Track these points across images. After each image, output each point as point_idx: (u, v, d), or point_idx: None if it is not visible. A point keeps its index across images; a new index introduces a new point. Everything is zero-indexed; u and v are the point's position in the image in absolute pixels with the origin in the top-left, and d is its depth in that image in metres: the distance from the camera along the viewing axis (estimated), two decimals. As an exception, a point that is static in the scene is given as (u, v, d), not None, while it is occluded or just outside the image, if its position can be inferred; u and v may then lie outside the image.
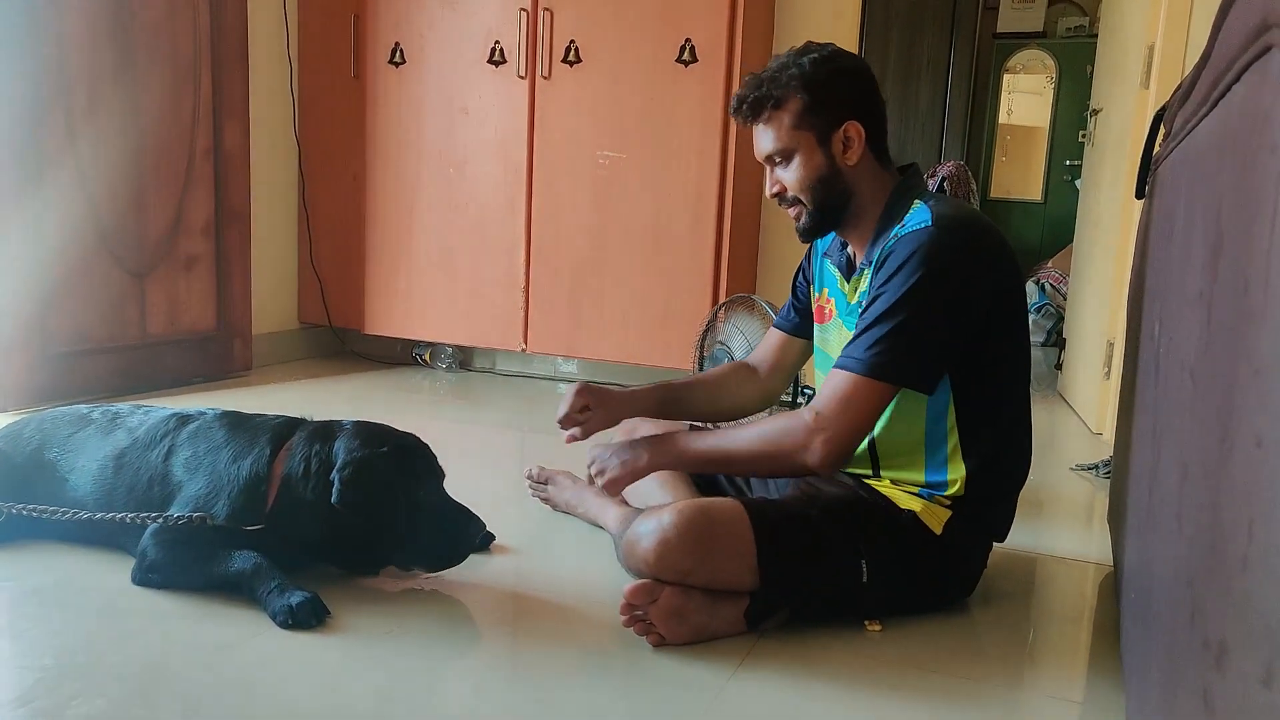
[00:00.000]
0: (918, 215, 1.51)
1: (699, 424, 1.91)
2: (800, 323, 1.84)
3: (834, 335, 1.72)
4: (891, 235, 1.53)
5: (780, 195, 1.63)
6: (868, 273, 1.58)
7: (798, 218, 1.64)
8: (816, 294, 1.78)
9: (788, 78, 1.56)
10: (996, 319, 1.52)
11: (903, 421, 1.57)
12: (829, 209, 1.61)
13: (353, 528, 1.57)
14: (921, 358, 1.47)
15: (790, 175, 1.59)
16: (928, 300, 1.45)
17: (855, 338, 1.50)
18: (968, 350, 1.51)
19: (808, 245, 1.79)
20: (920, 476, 1.58)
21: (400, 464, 1.59)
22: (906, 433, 1.58)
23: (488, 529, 1.79)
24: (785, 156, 1.59)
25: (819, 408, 1.49)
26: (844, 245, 1.70)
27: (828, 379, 1.52)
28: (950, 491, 1.55)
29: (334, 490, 1.54)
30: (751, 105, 1.59)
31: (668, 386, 1.86)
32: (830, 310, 1.74)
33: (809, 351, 1.85)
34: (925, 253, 1.45)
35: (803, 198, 1.60)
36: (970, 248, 1.49)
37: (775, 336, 1.90)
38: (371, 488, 1.55)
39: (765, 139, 1.60)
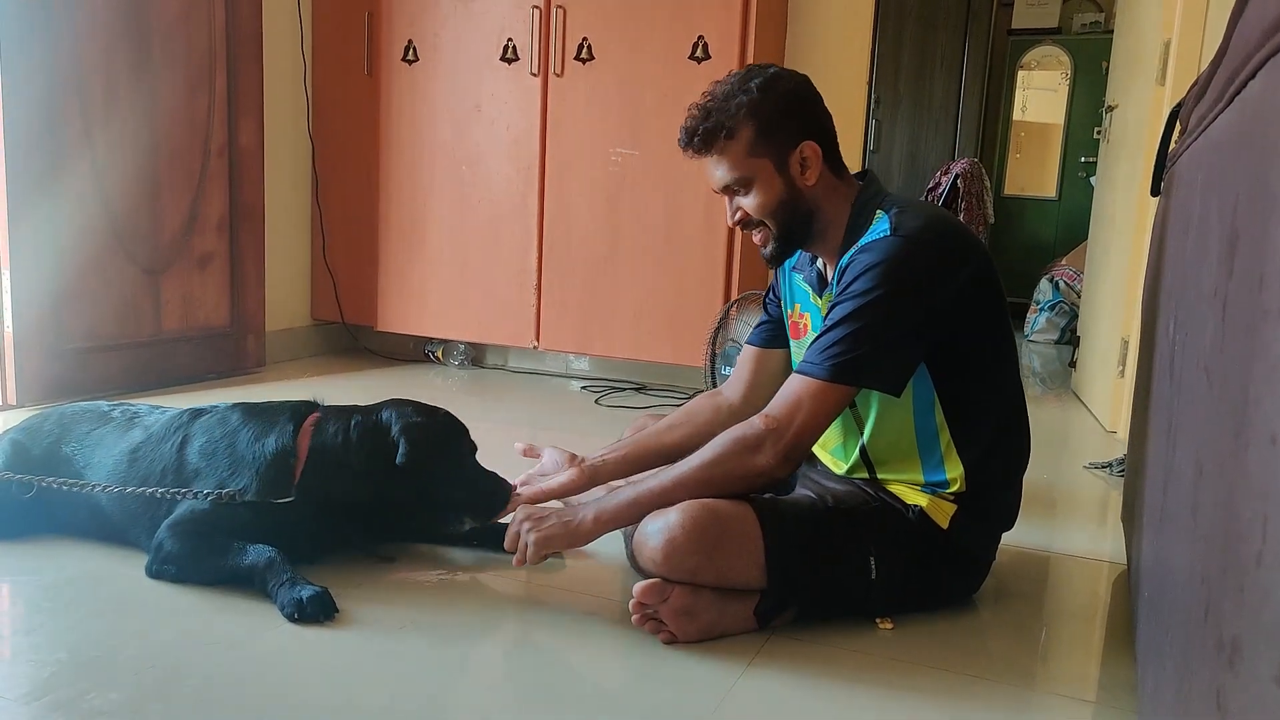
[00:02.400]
0: (878, 227, 1.51)
1: None
2: (775, 334, 1.81)
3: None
4: (855, 248, 1.53)
5: (744, 222, 1.61)
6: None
7: (763, 243, 1.62)
8: (789, 309, 1.77)
9: (736, 106, 1.54)
10: (967, 313, 1.51)
11: (890, 424, 1.57)
12: (794, 231, 1.60)
13: (401, 490, 1.67)
14: (879, 358, 1.45)
15: (751, 202, 1.58)
16: (886, 304, 1.44)
17: (812, 343, 1.50)
18: (942, 347, 1.50)
19: (775, 269, 1.77)
20: (919, 477, 1.58)
21: (451, 428, 1.73)
22: (896, 435, 1.57)
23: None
24: (744, 185, 1.57)
25: (771, 411, 1.48)
26: (814, 259, 1.69)
27: (785, 384, 1.51)
28: (953, 489, 1.55)
29: (400, 451, 1.63)
30: (703, 137, 1.56)
31: (622, 457, 1.74)
32: (805, 325, 1.72)
33: (789, 359, 1.82)
34: (883, 260, 1.45)
35: (767, 222, 1.59)
36: (930, 250, 1.48)
37: (749, 353, 1.86)
38: (433, 448, 1.67)
39: (720, 170, 1.57)
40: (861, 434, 1.60)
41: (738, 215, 1.61)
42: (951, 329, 1.50)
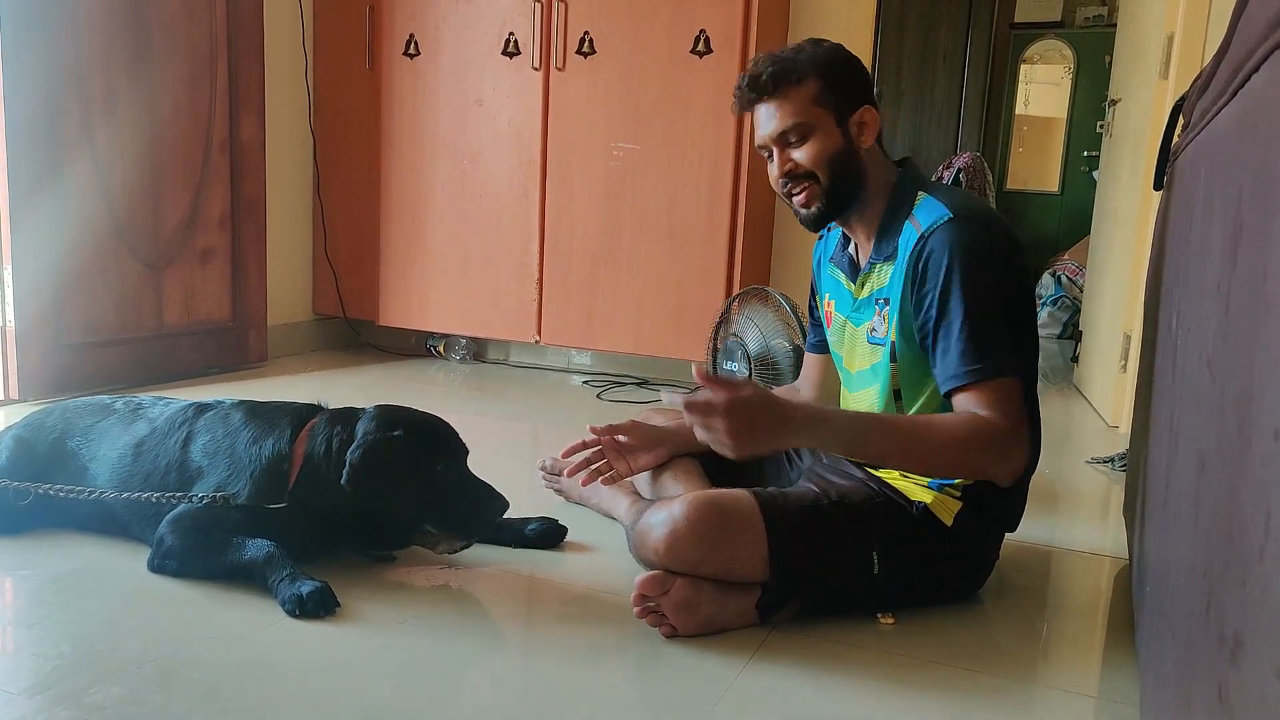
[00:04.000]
0: (931, 209, 1.51)
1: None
2: (824, 339, 1.84)
3: (842, 335, 1.72)
4: (902, 230, 1.53)
5: (792, 174, 1.58)
6: (881, 267, 1.58)
7: (807, 201, 1.59)
8: (823, 301, 1.79)
9: (805, 58, 1.56)
10: (1016, 308, 1.51)
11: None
12: (842, 189, 1.58)
13: (365, 507, 1.59)
14: (1013, 341, 1.46)
15: (806, 152, 1.56)
16: (996, 285, 1.45)
17: (937, 346, 1.46)
18: None
19: (817, 234, 1.76)
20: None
21: (411, 446, 1.60)
22: None
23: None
24: (802, 133, 1.56)
25: (1010, 419, 1.41)
26: (846, 244, 1.69)
27: (980, 392, 1.43)
28: (960, 483, 1.55)
29: (344, 472, 1.56)
30: (771, 78, 1.55)
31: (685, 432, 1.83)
32: (831, 311, 1.74)
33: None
34: (965, 245, 1.45)
35: (819, 173, 1.57)
36: (994, 233, 1.50)
37: (811, 360, 1.93)
38: (379, 469, 1.57)
39: (780, 115, 1.56)
40: (892, 410, 1.60)
41: (787, 167, 1.58)
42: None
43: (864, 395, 1.66)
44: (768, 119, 1.58)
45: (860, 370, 1.67)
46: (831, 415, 1.44)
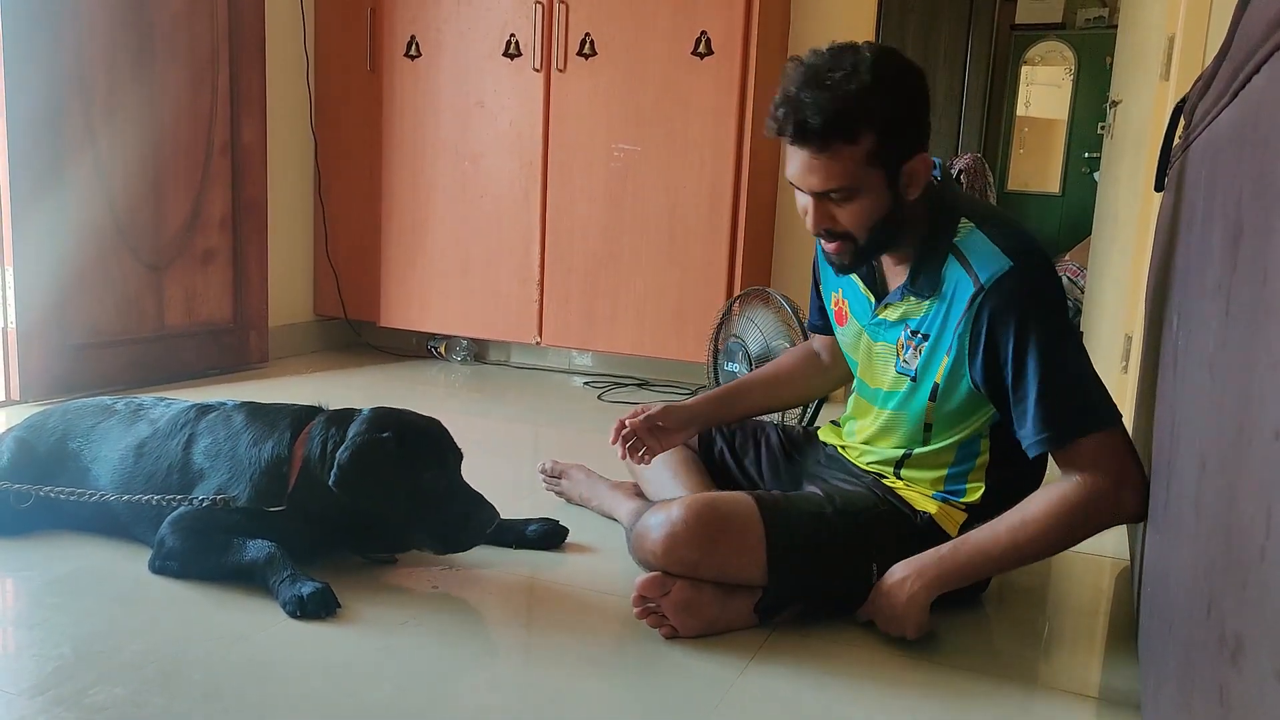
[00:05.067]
0: (985, 254, 1.40)
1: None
2: (827, 323, 1.80)
3: (857, 342, 1.65)
4: (944, 265, 1.44)
5: (827, 230, 1.44)
6: (917, 300, 1.49)
7: (839, 253, 1.47)
8: (831, 293, 1.72)
9: (867, 109, 1.33)
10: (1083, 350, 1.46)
11: (944, 444, 1.54)
12: (879, 246, 1.47)
13: (361, 509, 1.59)
14: (1099, 389, 1.40)
15: (847, 214, 1.41)
16: (1067, 334, 1.39)
17: (1030, 414, 1.37)
18: None
19: (848, 275, 1.62)
20: (940, 484, 1.56)
21: (401, 448, 1.59)
22: (941, 451, 1.55)
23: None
24: (848, 194, 1.39)
25: (1111, 472, 1.35)
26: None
27: (1071, 452, 1.37)
28: (967, 499, 1.54)
29: (332, 473, 1.56)
30: (822, 132, 1.33)
31: (723, 393, 1.86)
32: (846, 312, 1.67)
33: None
34: (1032, 298, 1.38)
35: (859, 236, 1.44)
36: (1050, 272, 1.44)
37: (815, 340, 1.90)
38: (367, 471, 1.56)
39: (824, 173, 1.37)
40: (918, 446, 1.57)
41: (824, 225, 1.43)
42: None
43: (887, 416, 1.59)
44: (807, 170, 1.38)
45: (882, 390, 1.60)
46: (928, 581, 1.43)
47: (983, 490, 1.53)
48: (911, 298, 1.50)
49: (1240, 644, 0.60)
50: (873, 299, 1.59)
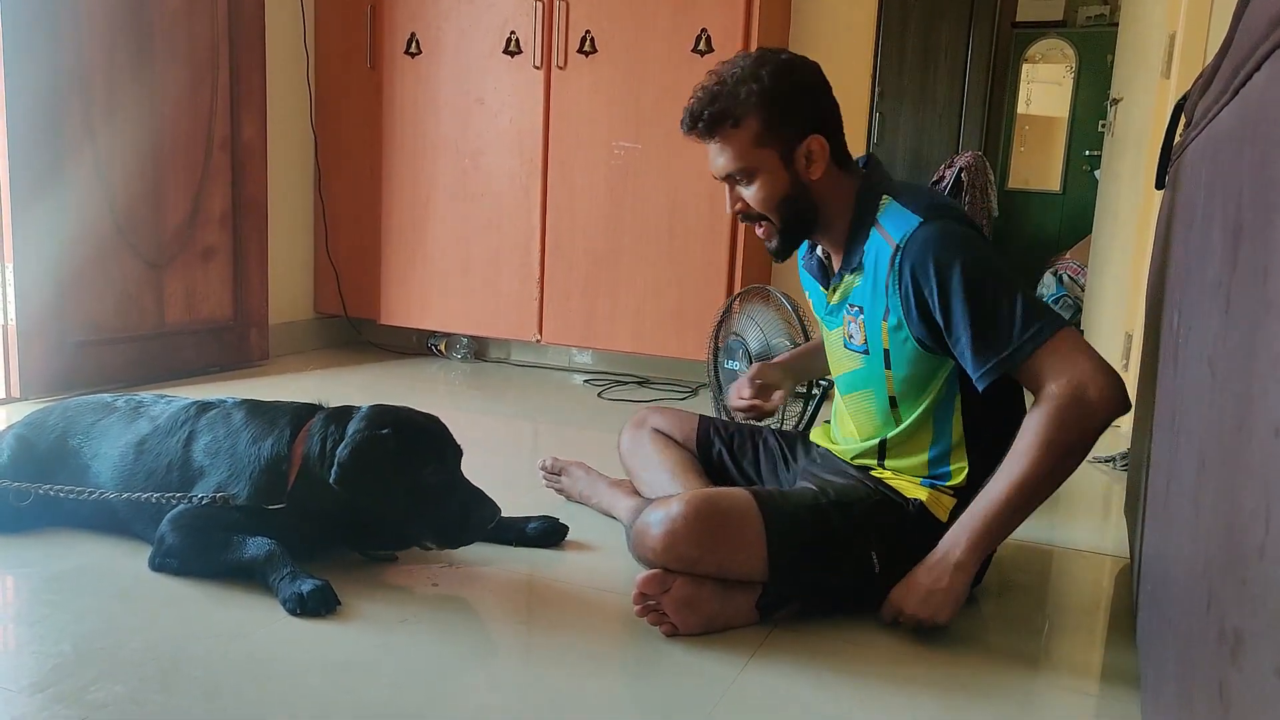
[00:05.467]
0: (898, 217, 1.49)
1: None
2: None
3: (826, 337, 1.72)
4: (868, 238, 1.52)
5: (745, 214, 1.58)
6: (849, 276, 1.57)
7: (767, 237, 1.60)
8: (809, 299, 1.79)
9: (745, 93, 1.49)
10: (1012, 275, 1.50)
11: (917, 420, 1.56)
12: (797, 226, 1.58)
13: (357, 507, 1.59)
14: (1030, 299, 1.42)
15: (753, 194, 1.55)
16: (985, 267, 1.43)
17: (983, 342, 1.41)
18: None
19: (782, 263, 1.76)
20: (923, 459, 1.57)
21: (401, 445, 1.59)
22: (918, 428, 1.57)
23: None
24: (747, 176, 1.54)
25: (1069, 374, 1.37)
26: (814, 247, 1.69)
27: (1024, 376, 1.42)
28: (953, 482, 1.55)
29: (333, 470, 1.56)
30: (708, 123, 1.52)
31: (809, 348, 1.98)
32: (810, 311, 1.76)
33: None
34: (941, 240, 1.44)
35: (770, 216, 1.56)
36: (966, 221, 1.50)
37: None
38: (367, 468, 1.57)
39: (724, 158, 1.54)
40: (891, 429, 1.59)
41: (738, 206, 1.59)
42: None
43: (857, 399, 1.64)
44: (714, 155, 1.56)
45: (843, 375, 1.66)
46: (963, 546, 1.44)
47: (967, 470, 1.54)
48: (846, 276, 1.58)
49: (1240, 640, 0.60)
50: (826, 292, 1.65)
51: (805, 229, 1.59)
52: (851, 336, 1.60)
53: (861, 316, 1.56)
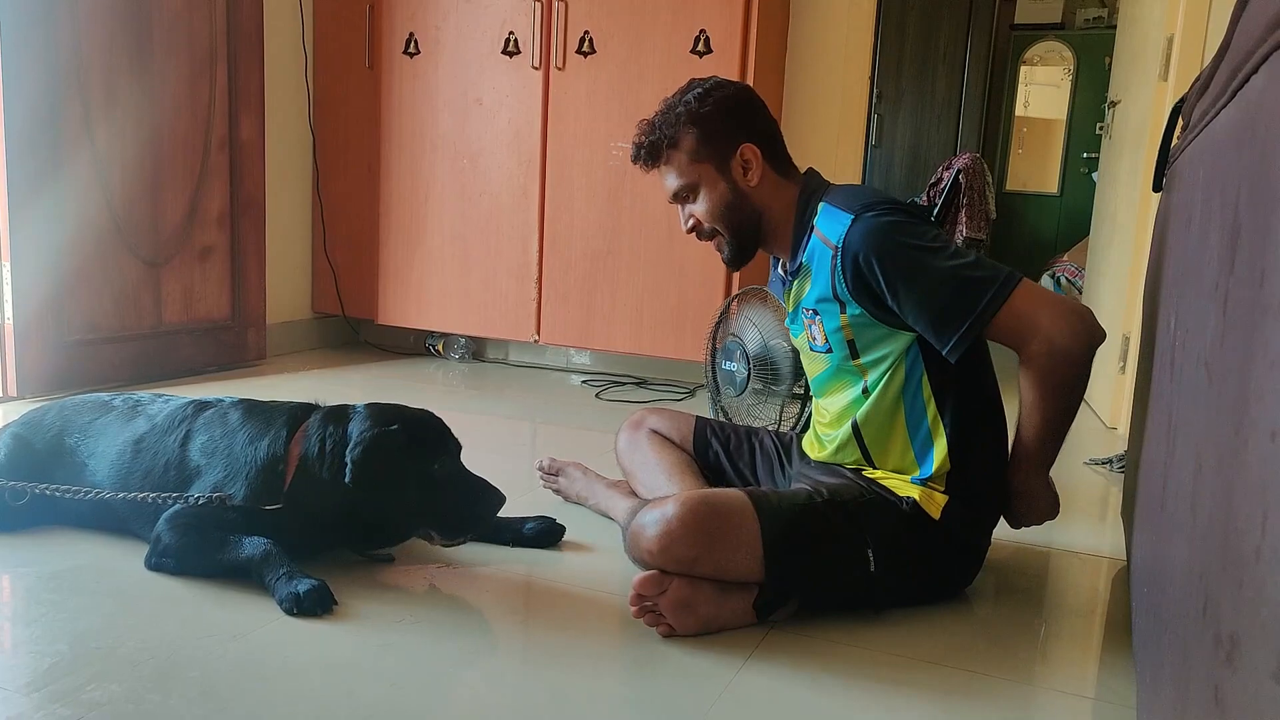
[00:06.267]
0: (830, 218, 1.55)
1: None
2: None
3: (793, 341, 1.78)
4: (810, 245, 1.59)
5: (697, 230, 1.68)
6: (798, 283, 1.64)
7: (719, 248, 1.70)
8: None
9: (675, 116, 1.63)
10: (948, 244, 1.54)
11: (883, 399, 1.59)
12: (744, 232, 1.67)
13: (368, 505, 1.59)
14: (971, 264, 1.48)
15: (700, 208, 1.65)
16: (922, 247, 1.48)
17: (942, 321, 1.48)
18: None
19: (737, 271, 1.84)
20: (910, 459, 1.59)
21: (410, 440, 1.61)
22: (889, 411, 1.59)
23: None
24: (691, 191, 1.65)
25: (1028, 342, 1.45)
26: (777, 262, 1.76)
27: (994, 336, 1.48)
28: (937, 468, 1.56)
29: (347, 470, 1.56)
30: (649, 150, 1.65)
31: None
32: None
33: None
34: (880, 235, 1.49)
35: (717, 227, 1.66)
36: (897, 209, 1.54)
37: None
38: (382, 465, 1.58)
39: (669, 179, 1.66)
40: (860, 405, 1.62)
41: (690, 223, 1.69)
42: None
43: (834, 399, 1.68)
44: (664, 180, 1.69)
45: (815, 377, 1.71)
46: (1024, 470, 1.58)
47: (947, 456, 1.55)
48: (794, 283, 1.66)
49: (1236, 644, 0.60)
50: (787, 301, 1.72)
51: (752, 236, 1.68)
52: (814, 339, 1.65)
53: (818, 319, 1.61)
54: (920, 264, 1.47)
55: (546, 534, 1.83)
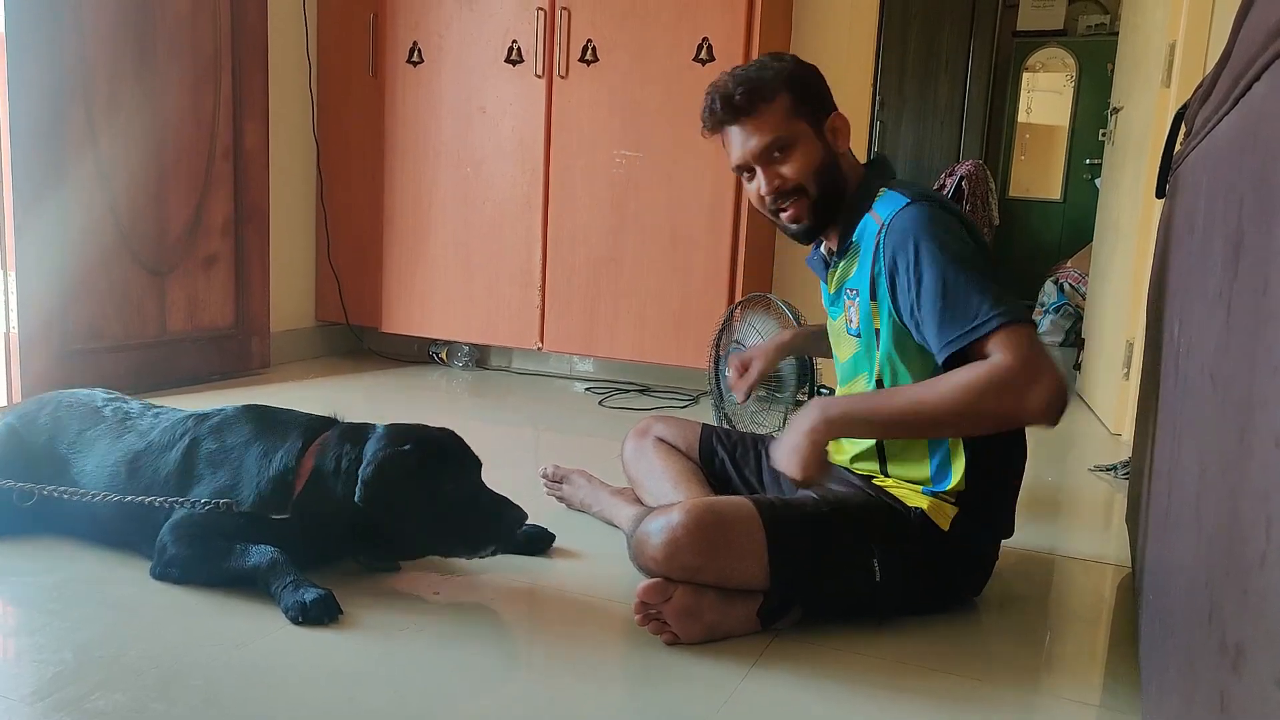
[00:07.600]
0: (890, 200, 1.54)
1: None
2: None
3: (832, 328, 1.75)
4: (862, 225, 1.57)
5: (780, 189, 1.59)
6: (844, 262, 1.62)
7: (797, 216, 1.61)
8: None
9: (774, 73, 1.58)
10: (987, 263, 1.51)
11: None
12: (832, 198, 1.60)
13: (378, 523, 1.59)
14: (1002, 286, 1.43)
15: (793, 165, 1.58)
16: (961, 246, 1.45)
17: (949, 314, 1.41)
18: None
19: (807, 245, 1.73)
20: (926, 473, 1.57)
21: (422, 461, 1.59)
22: (913, 446, 1.57)
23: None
24: (785, 147, 1.58)
25: (1018, 357, 1.36)
26: (819, 244, 1.73)
27: (983, 348, 1.39)
28: (953, 486, 1.54)
29: (358, 489, 1.55)
30: (745, 98, 1.56)
31: (804, 333, 2.04)
32: (821, 304, 1.79)
33: None
34: (920, 219, 1.47)
35: (808, 186, 1.59)
36: (950, 209, 1.53)
37: None
38: (391, 486, 1.56)
39: (757, 136, 1.57)
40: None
41: (775, 183, 1.59)
42: None
43: (852, 389, 1.67)
44: (746, 137, 1.59)
45: (845, 361, 1.69)
46: (831, 414, 1.45)
47: (964, 470, 1.52)
48: (841, 263, 1.63)
49: (1241, 651, 0.60)
50: (828, 283, 1.70)
51: (837, 203, 1.61)
52: (850, 321, 1.63)
53: (857, 299, 1.60)
54: (953, 259, 1.42)
55: (535, 541, 1.82)
